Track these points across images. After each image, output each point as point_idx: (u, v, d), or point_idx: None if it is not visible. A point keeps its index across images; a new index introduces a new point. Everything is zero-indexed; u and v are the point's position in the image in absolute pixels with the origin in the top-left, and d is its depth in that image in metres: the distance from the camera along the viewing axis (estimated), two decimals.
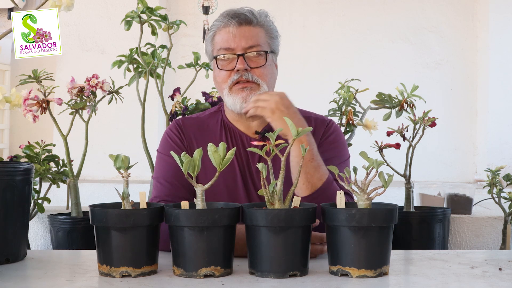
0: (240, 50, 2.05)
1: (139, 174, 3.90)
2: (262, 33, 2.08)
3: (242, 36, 2.05)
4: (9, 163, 1.94)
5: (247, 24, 2.06)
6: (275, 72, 2.13)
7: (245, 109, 2.00)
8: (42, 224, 3.23)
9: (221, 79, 2.07)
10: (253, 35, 2.06)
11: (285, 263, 1.59)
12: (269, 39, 2.10)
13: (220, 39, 2.07)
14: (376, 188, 1.63)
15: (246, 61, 2.04)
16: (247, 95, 2.04)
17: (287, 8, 4.67)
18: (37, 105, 2.75)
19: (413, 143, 3.08)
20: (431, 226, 3.09)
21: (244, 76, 2.04)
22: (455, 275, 1.65)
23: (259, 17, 2.09)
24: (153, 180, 2.12)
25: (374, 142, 2.83)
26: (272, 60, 2.11)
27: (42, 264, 1.79)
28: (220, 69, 2.07)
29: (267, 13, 2.13)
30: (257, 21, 2.08)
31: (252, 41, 2.05)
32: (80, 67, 4.30)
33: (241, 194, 2.05)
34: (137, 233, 1.61)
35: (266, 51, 2.07)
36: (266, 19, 2.11)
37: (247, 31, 2.06)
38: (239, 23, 2.05)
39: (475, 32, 4.64)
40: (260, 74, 2.06)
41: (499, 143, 4.47)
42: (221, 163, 1.61)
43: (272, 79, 2.10)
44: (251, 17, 2.07)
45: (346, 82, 3.15)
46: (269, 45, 2.10)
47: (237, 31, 2.05)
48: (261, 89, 2.05)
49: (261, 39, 2.07)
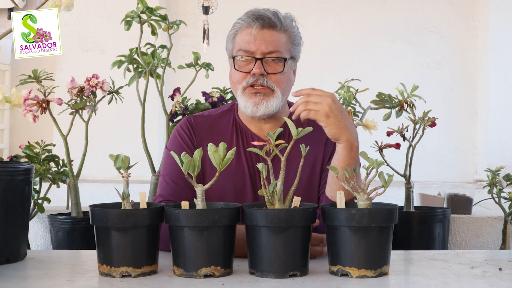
0: (259, 54, 2.01)
1: (139, 174, 3.89)
2: (285, 39, 2.05)
3: (263, 40, 2.01)
4: (9, 163, 1.94)
5: (270, 28, 2.03)
6: (292, 79, 2.10)
7: (296, 114, 1.92)
8: (42, 224, 3.23)
9: (236, 79, 2.05)
10: (274, 40, 2.02)
11: (285, 263, 1.59)
12: (291, 45, 2.07)
13: (241, 40, 2.04)
14: (376, 188, 1.63)
15: (264, 65, 2.01)
16: (259, 100, 2.01)
17: (287, 8, 4.62)
18: (37, 105, 2.75)
19: (413, 143, 3.07)
20: (431, 226, 3.08)
21: (260, 80, 2.01)
22: (455, 275, 1.65)
23: (284, 22, 2.05)
24: (160, 177, 2.11)
25: (374, 142, 2.83)
26: (290, 67, 2.08)
27: (42, 264, 1.79)
28: (236, 70, 2.05)
29: (293, 17, 2.10)
30: (281, 25, 2.04)
31: (272, 46, 2.02)
32: (80, 67, 4.29)
33: (248, 195, 2.03)
34: (137, 233, 1.61)
35: (285, 58, 2.04)
36: (291, 24, 2.07)
37: (269, 35, 2.02)
38: (262, 26, 2.02)
39: (475, 32, 4.64)
40: (276, 81, 2.02)
41: (499, 143, 4.47)
42: (221, 163, 1.61)
43: (288, 86, 2.07)
44: (275, 21, 2.03)
45: (346, 82, 3.15)
46: (289, 52, 2.06)
47: (258, 33, 2.01)
48: (275, 96, 2.02)
49: (282, 45, 2.04)
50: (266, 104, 2.02)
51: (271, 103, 2.02)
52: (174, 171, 2.04)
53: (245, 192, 2.04)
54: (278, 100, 2.03)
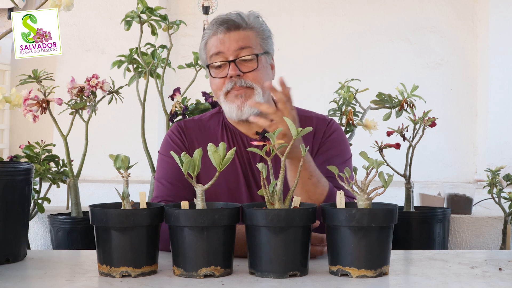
0: (231, 55, 2.03)
1: (139, 174, 3.89)
2: (253, 35, 2.06)
3: (231, 41, 2.03)
4: (9, 163, 1.94)
5: (236, 29, 2.04)
6: (269, 73, 2.11)
7: (255, 120, 1.90)
8: (42, 224, 3.23)
9: (216, 86, 2.07)
10: (242, 38, 2.04)
11: (285, 263, 1.59)
12: (261, 40, 2.08)
13: (211, 47, 2.06)
14: (376, 188, 1.63)
15: (238, 66, 2.03)
16: (242, 103, 2.02)
17: (287, 8, 4.67)
18: (37, 105, 2.75)
19: (413, 143, 3.08)
20: (431, 226, 3.08)
21: (238, 83, 2.03)
22: (455, 275, 1.65)
23: (248, 20, 2.06)
24: (155, 181, 2.12)
25: (374, 142, 2.83)
26: (266, 62, 2.09)
27: (42, 264, 1.79)
28: (213, 77, 2.07)
29: (257, 13, 2.11)
30: (246, 24, 2.06)
31: (241, 43, 2.03)
32: (80, 67, 4.30)
33: (243, 195, 2.05)
34: (137, 233, 1.61)
35: (257, 54, 2.05)
36: (256, 20, 2.08)
37: (236, 35, 2.04)
38: (227, 29, 2.04)
39: (475, 32, 4.64)
40: (253, 78, 2.03)
41: (499, 143, 4.47)
42: (221, 163, 1.61)
43: (267, 81, 2.07)
44: (239, 21, 2.05)
45: (346, 82, 3.15)
46: (261, 47, 2.07)
47: (225, 36, 2.04)
48: (256, 94, 2.03)
49: (252, 41, 2.05)
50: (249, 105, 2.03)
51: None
52: (170, 173, 2.06)
53: (240, 193, 2.05)
54: (260, 97, 2.04)
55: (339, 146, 2.12)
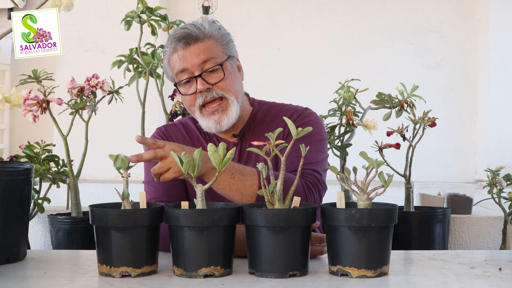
0: (196, 70, 2.01)
1: (139, 174, 3.87)
2: (213, 44, 2.03)
3: (193, 55, 2.01)
4: (9, 163, 1.94)
5: (195, 42, 2.01)
6: (238, 77, 2.09)
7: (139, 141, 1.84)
8: (42, 224, 3.23)
9: (188, 103, 2.05)
10: (203, 50, 2.01)
11: (285, 263, 1.59)
12: (222, 46, 2.05)
13: (174, 64, 2.04)
14: (376, 188, 1.63)
15: (205, 79, 2.01)
16: (219, 118, 2.02)
17: (287, 8, 4.67)
18: (37, 105, 2.75)
19: (413, 143, 3.08)
20: (431, 226, 3.09)
21: (209, 95, 2.01)
22: (455, 275, 1.65)
23: (205, 29, 2.03)
24: (145, 185, 2.12)
25: (374, 142, 2.83)
26: (232, 67, 2.07)
27: (42, 264, 1.79)
28: (184, 94, 2.06)
29: (211, 19, 2.08)
30: (203, 35, 2.02)
31: (204, 55, 2.01)
32: (80, 67, 4.30)
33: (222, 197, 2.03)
34: (137, 233, 1.61)
35: (221, 64, 2.02)
36: (213, 27, 2.05)
37: (196, 49, 2.01)
38: (186, 44, 2.01)
39: (475, 32, 4.64)
40: (224, 88, 2.02)
41: (499, 143, 4.47)
42: (221, 163, 1.61)
43: (237, 86, 2.07)
44: (197, 33, 2.02)
45: (346, 82, 3.15)
46: (223, 53, 2.05)
47: (186, 52, 2.01)
48: (230, 103, 2.02)
49: (214, 51, 2.03)
50: (226, 117, 2.03)
51: (230, 114, 2.03)
52: None
53: (218, 194, 2.03)
54: (235, 106, 2.03)
55: (310, 124, 2.02)
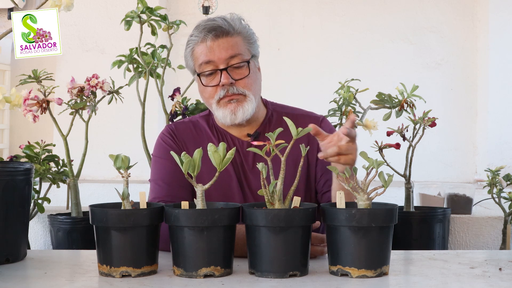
0: (222, 63, 2.02)
1: (139, 174, 3.89)
2: (241, 41, 2.05)
3: (221, 48, 2.02)
4: (9, 163, 1.94)
5: (224, 36, 2.03)
6: (259, 77, 2.11)
7: (323, 156, 1.83)
8: (42, 224, 3.23)
9: (208, 94, 2.06)
10: (231, 45, 2.02)
11: (285, 263, 1.59)
12: (248, 45, 2.07)
13: (200, 54, 2.05)
14: (376, 188, 1.63)
15: (229, 74, 2.02)
16: (235, 107, 2.02)
17: (287, 8, 4.67)
18: (37, 105, 2.75)
19: (413, 143, 3.08)
20: (431, 226, 3.09)
21: (230, 90, 2.02)
22: (455, 275, 1.65)
23: (235, 25, 2.04)
24: (150, 183, 2.12)
25: (374, 142, 2.83)
26: (254, 66, 2.08)
27: (42, 264, 1.79)
28: (205, 86, 2.06)
29: (240, 17, 2.09)
30: (233, 30, 2.04)
31: (232, 51, 2.02)
32: (80, 67, 4.30)
33: (236, 197, 2.03)
34: (137, 233, 1.61)
35: (247, 61, 2.04)
36: (241, 25, 2.07)
37: (225, 42, 2.02)
38: (216, 36, 2.02)
39: (475, 32, 4.64)
40: (245, 85, 2.03)
41: (499, 143, 4.47)
42: (221, 163, 1.61)
43: (257, 86, 2.08)
44: (227, 28, 2.03)
45: (346, 82, 3.15)
46: (249, 52, 2.06)
47: (214, 44, 2.02)
48: (248, 100, 2.03)
49: (241, 48, 2.04)
50: (242, 110, 2.03)
51: (246, 108, 2.04)
52: (166, 173, 2.06)
53: (232, 194, 2.04)
54: (252, 103, 2.04)
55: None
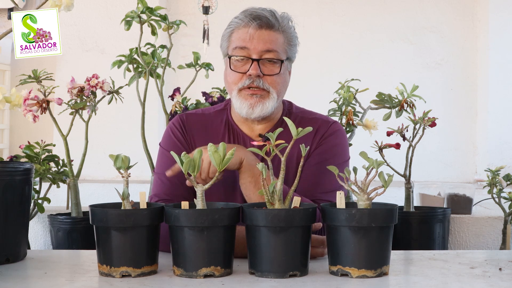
0: (256, 54, 1.99)
1: (139, 174, 3.89)
2: (282, 39, 2.02)
3: (260, 40, 1.98)
4: (9, 163, 1.94)
5: (268, 28, 2.00)
6: (287, 80, 2.08)
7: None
8: (42, 224, 3.23)
9: (232, 80, 2.02)
10: (272, 40, 2.00)
11: (285, 263, 1.59)
12: (288, 46, 2.04)
13: (238, 39, 2.01)
14: (376, 188, 1.63)
15: (260, 66, 1.99)
16: (255, 102, 2.00)
17: (287, 8, 4.62)
18: (37, 105, 2.75)
19: (413, 143, 3.08)
20: (431, 226, 3.08)
21: (256, 82, 1.99)
22: (455, 275, 1.65)
23: (281, 22, 2.02)
24: (154, 175, 2.11)
25: (374, 142, 2.83)
26: (286, 68, 2.06)
27: (42, 264, 1.79)
28: (232, 70, 2.02)
29: (290, 17, 2.07)
30: (278, 25, 2.01)
31: (270, 45, 1.99)
32: (80, 67, 4.30)
33: (238, 197, 2.03)
34: (137, 233, 1.61)
35: (282, 60, 2.01)
36: (288, 25, 2.04)
37: (266, 35, 1.99)
38: (259, 26, 1.99)
39: (475, 32, 4.64)
40: (272, 82, 2.00)
41: (499, 143, 4.47)
42: (221, 163, 1.61)
43: (283, 88, 2.05)
44: (273, 21, 2.00)
45: (346, 82, 3.15)
46: (286, 53, 2.03)
47: (256, 33, 1.99)
48: (270, 98, 2.00)
49: (279, 46, 2.01)
50: (262, 106, 2.00)
51: (266, 105, 2.01)
52: (169, 169, 2.04)
53: (235, 192, 2.03)
54: (274, 102, 2.02)
55: (332, 149, 2.08)
